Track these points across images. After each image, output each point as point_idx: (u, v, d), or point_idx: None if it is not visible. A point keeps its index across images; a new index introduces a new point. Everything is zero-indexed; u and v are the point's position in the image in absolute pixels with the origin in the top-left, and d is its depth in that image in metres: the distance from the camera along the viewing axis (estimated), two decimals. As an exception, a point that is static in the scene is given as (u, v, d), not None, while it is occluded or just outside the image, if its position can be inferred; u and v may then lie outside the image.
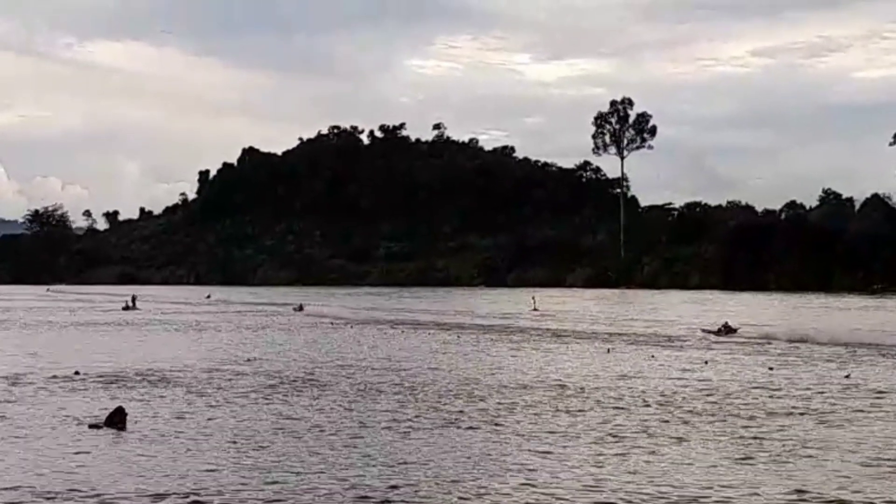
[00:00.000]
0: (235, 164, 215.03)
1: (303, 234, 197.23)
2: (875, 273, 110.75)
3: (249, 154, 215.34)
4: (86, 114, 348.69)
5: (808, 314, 59.33)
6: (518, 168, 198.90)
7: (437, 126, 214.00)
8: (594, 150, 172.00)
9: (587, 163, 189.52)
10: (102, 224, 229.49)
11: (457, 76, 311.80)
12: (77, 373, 28.33)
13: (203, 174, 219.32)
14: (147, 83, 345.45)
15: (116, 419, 19.45)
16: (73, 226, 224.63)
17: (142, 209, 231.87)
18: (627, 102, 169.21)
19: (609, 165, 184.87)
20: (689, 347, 38.28)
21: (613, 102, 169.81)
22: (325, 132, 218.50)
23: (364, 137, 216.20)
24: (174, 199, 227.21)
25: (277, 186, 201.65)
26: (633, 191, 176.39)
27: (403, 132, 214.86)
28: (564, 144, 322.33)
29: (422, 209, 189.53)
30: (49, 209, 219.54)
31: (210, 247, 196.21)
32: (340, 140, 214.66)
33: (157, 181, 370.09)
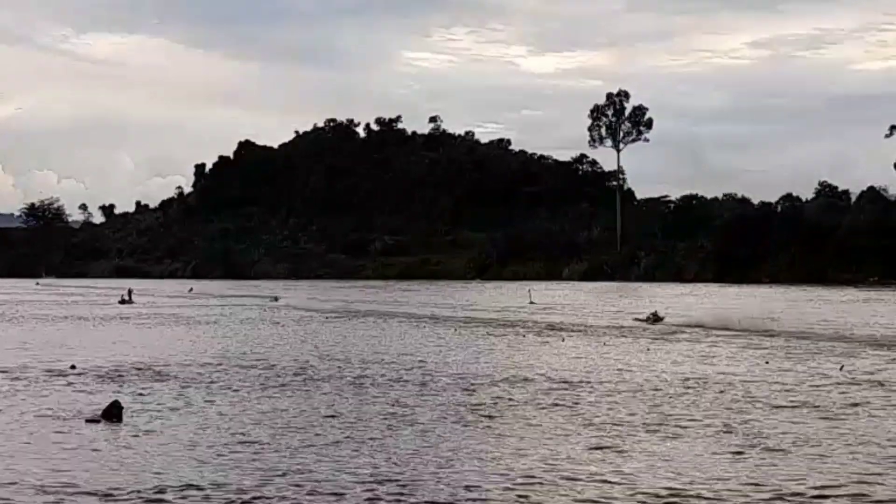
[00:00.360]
0: (231, 158, 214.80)
1: (298, 228, 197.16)
2: (871, 266, 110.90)
3: (245, 147, 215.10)
4: (82, 107, 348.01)
5: (773, 306, 59.58)
6: (514, 161, 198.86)
7: (434, 119, 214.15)
8: (590, 143, 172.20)
9: (583, 155, 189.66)
10: (98, 217, 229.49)
11: (453, 68, 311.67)
12: (73, 366, 28.31)
13: (199, 167, 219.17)
14: (143, 76, 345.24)
15: (112, 413, 19.46)
16: (69, 219, 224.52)
17: (138, 202, 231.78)
18: (623, 95, 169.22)
19: (605, 158, 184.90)
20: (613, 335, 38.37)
21: (609, 95, 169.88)
22: (322, 125, 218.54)
23: (360, 130, 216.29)
24: (170, 193, 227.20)
25: (273, 180, 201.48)
26: (630, 183, 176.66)
27: (400, 125, 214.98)
28: (561, 137, 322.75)
29: (418, 202, 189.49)
30: (45, 202, 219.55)
31: (206, 240, 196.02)
32: (336, 133, 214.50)
33: (153, 174, 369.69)
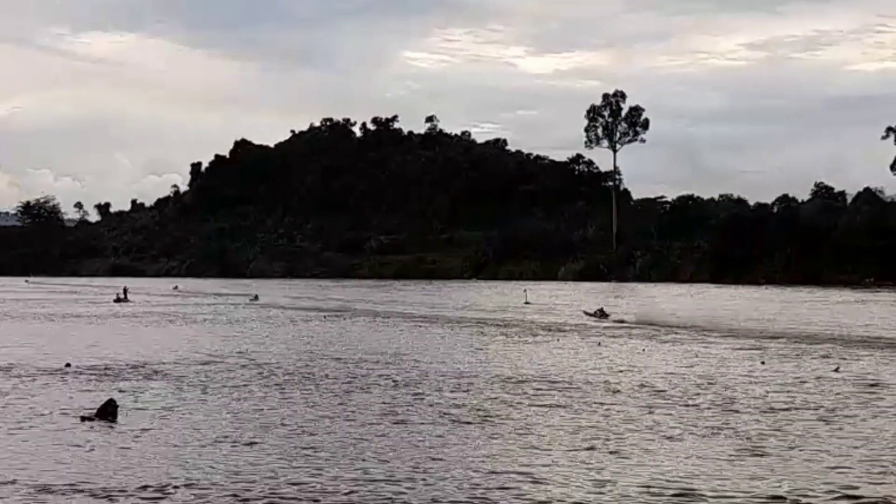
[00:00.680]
0: (228, 157, 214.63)
1: (294, 227, 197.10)
2: (867, 267, 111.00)
3: (242, 146, 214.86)
4: (78, 105, 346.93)
5: (736, 304, 62.90)
6: (510, 161, 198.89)
7: (430, 119, 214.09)
8: (587, 144, 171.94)
9: (580, 156, 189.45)
10: (94, 216, 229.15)
11: (450, 69, 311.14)
12: (69, 365, 28.33)
13: (195, 166, 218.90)
14: (139, 75, 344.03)
15: (108, 411, 19.47)
16: (65, 217, 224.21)
17: (133, 201, 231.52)
18: (620, 95, 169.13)
19: (602, 158, 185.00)
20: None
21: (606, 95, 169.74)
22: (318, 124, 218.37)
23: (356, 130, 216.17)
24: (166, 192, 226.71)
25: (269, 179, 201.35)
26: (626, 184, 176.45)
27: (396, 125, 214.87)
28: (557, 138, 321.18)
29: (413, 202, 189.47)
30: (41, 201, 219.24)
31: (202, 239, 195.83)
32: (333, 132, 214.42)
33: (149, 173, 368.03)
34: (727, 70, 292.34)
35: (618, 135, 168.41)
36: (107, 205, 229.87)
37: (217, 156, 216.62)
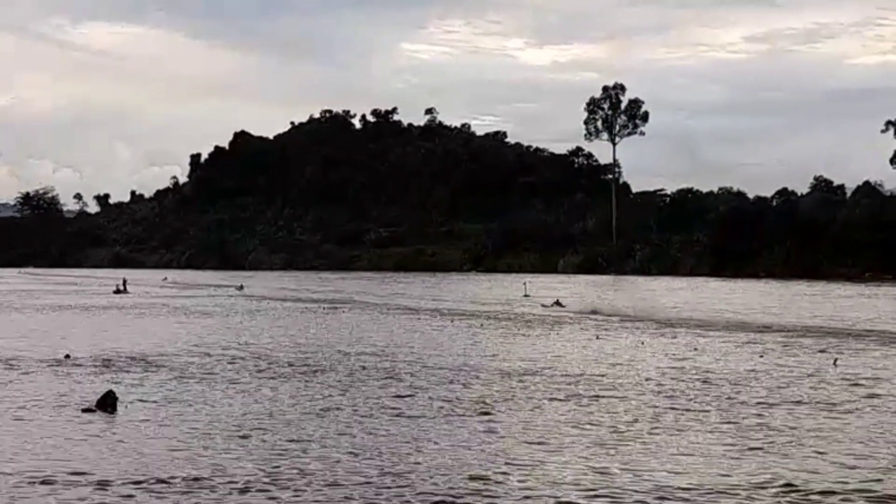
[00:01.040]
0: (227, 148, 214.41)
1: (294, 219, 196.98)
2: (866, 260, 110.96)
3: (241, 137, 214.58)
4: (78, 96, 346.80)
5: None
6: (510, 153, 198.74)
7: (430, 111, 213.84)
8: (586, 136, 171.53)
9: (579, 148, 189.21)
10: (94, 207, 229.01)
11: (450, 61, 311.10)
12: (68, 356, 28.33)
13: (195, 157, 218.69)
14: (139, 66, 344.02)
15: (107, 403, 19.48)
16: (65, 209, 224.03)
17: (133, 192, 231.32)
18: (619, 88, 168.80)
19: (601, 151, 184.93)
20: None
21: (605, 88, 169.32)
22: (317, 116, 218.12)
23: (356, 122, 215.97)
24: (165, 183, 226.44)
25: (269, 170, 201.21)
26: (625, 177, 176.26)
27: (395, 117, 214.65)
28: (557, 130, 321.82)
29: (413, 194, 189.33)
30: (40, 192, 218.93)
31: (201, 230, 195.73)
32: (333, 124, 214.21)
33: (149, 164, 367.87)
34: (727, 63, 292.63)
35: (617, 127, 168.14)
36: (106, 196, 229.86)
37: (217, 147, 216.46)
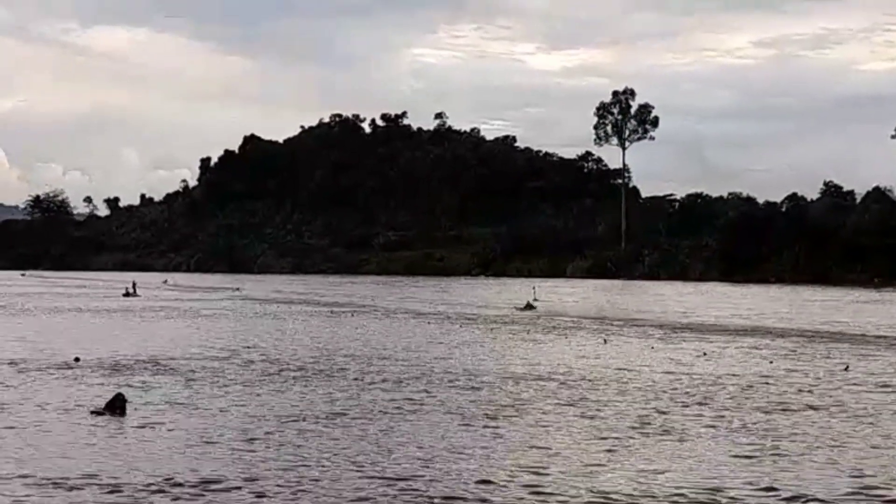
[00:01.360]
0: (237, 152, 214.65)
1: (303, 223, 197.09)
2: (876, 266, 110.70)
3: (251, 142, 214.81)
4: (87, 100, 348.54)
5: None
6: (519, 157, 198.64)
7: (439, 115, 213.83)
8: (596, 141, 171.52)
9: (589, 153, 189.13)
10: (103, 210, 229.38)
11: (459, 65, 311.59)
12: (77, 359, 28.35)
13: (204, 161, 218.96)
14: (148, 69, 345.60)
15: (116, 405, 19.49)
16: (74, 212, 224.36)
17: (142, 196, 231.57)
18: (629, 93, 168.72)
19: (611, 156, 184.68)
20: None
21: (615, 93, 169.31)
22: (327, 120, 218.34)
23: (366, 126, 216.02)
24: (175, 186, 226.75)
25: (278, 174, 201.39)
26: (635, 181, 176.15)
27: (405, 121, 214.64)
28: (566, 135, 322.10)
29: (422, 198, 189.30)
30: (50, 195, 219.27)
31: (210, 234, 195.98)
32: (342, 128, 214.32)
33: (158, 168, 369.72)
34: (735, 68, 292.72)
35: (627, 132, 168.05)
36: (116, 199, 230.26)
37: (226, 151, 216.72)
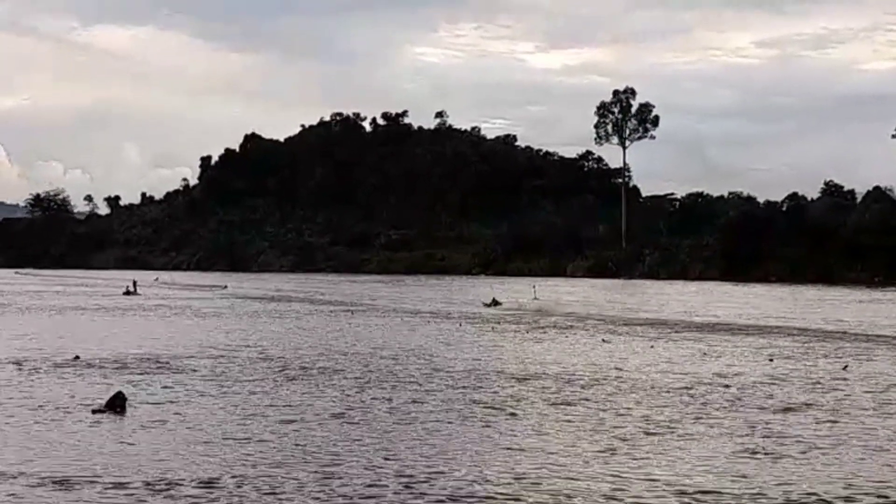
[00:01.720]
0: (237, 150, 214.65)
1: (304, 221, 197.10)
2: (876, 265, 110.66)
3: (251, 140, 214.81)
4: (88, 98, 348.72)
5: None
6: (520, 156, 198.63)
7: (440, 114, 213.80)
8: (596, 140, 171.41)
9: (589, 152, 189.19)
10: (104, 209, 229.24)
11: (460, 64, 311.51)
12: (77, 357, 28.37)
13: (205, 160, 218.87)
14: (149, 67, 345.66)
15: (116, 404, 19.51)
16: (75, 210, 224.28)
17: (143, 194, 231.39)
18: (630, 92, 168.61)
19: (611, 155, 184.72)
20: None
21: (616, 92, 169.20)
22: (328, 119, 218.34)
23: (366, 125, 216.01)
24: (176, 185, 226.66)
25: (279, 173, 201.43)
26: (635, 181, 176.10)
27: (406, 120, 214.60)
28: (567, 133, 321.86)
29: (423, 197, 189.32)
30: (51, 193, 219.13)
31: (211, 233, 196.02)
32: (343, 127, 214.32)
33: (159, 166, 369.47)
34: (737, 67, 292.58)
35: (627, 131, 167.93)
36: (116, 198, 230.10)
37: (227, 149, 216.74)
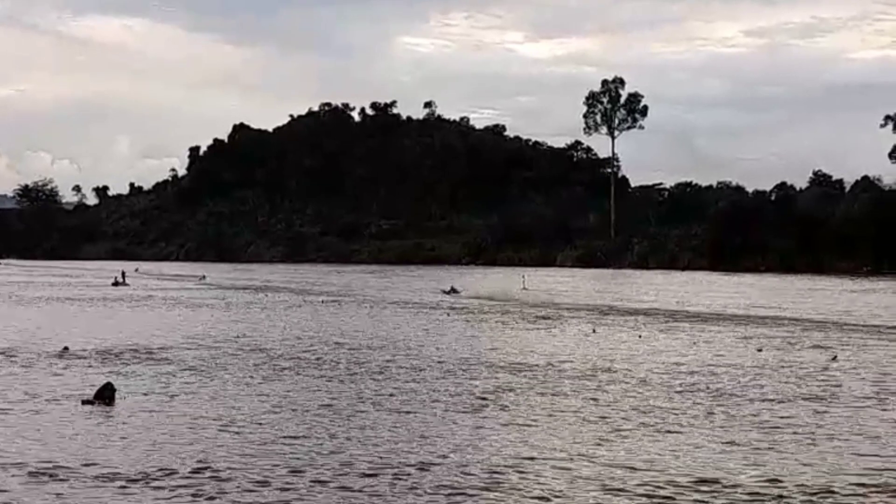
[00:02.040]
0: (226, 141, 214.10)
1: (293, 212, 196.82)
2: (865, 255, 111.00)
3: (240, 130, 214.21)
4: (77, 88, 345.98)
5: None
6: (509, 147, 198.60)
7: (429, 104, 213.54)
8: (585, 130, 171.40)
9: (578, 142, 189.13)
10: (92, 199, 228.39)
11: (449, 54, 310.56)
12: (66, 349, 28.31)
13: (193, 150, 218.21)
14: (138, 58, 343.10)
15: (105, 395, 19.48)
16: (63, 200, 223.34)
17: (132, 185, 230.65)
18: (619, 82, 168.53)
19: (600, 145, 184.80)
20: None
21: (605, 82, 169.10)
22: (317, 109, 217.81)
23: (355, 115, 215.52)
24: (164, 175, 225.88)
25: (268, 163, 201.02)
26: (624, 171, 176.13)
27: (395, 110, 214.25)
28: (556, 124, 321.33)
29: (412, 187, 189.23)
30: (39, 184, 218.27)
31: (200, 224, 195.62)
32: (332, 117, 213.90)
33: (147, 157, 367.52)
34: (725, 57, 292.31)
35: (616, 121, 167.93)
36: (105, 188, 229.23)
37: (216, 140, 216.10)
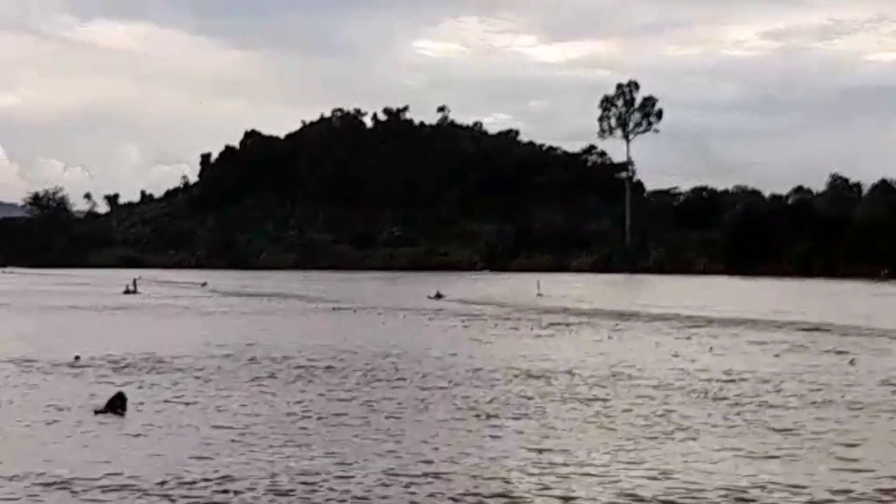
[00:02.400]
0: (237, 148, 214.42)
1: (305, 219, 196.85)
2: (883, 259, 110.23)
3: (251, 137, 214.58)
4: (87, 95, 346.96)
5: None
6: (522, 152, 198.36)
7: (441, 109, 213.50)
8: (600, 134, 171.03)
9: (592, 147, 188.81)
10: (103, 207, 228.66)
11: (462, 58, 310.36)
12: (77, 358, 27.97)
13: (205, 157, 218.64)
14: (149, 64, 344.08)
15: (116, 404, 19.21)
16: (74, 208, 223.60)
17: (143, 192, 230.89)
18: (633, 85, 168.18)
19: (615, 149, 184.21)
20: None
21: (619, 86, 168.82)
22: (328, 115, 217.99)
23: (367, 120, 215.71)
24: (175, 182, 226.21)
25: (280, 170, 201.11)
26: (639, 175, 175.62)
27: (407, 115, 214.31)
28: (570, 128, 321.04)
29: (425, 193, 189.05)
30: (49, 192, 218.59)
31: (211, 230, 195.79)
32: (344, 123, 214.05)
33: (159, 164, 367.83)
34: (740, 60, 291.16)
35: (631, 125, 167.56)
36: (116, 196, 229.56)
37: (227, 146, 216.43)
